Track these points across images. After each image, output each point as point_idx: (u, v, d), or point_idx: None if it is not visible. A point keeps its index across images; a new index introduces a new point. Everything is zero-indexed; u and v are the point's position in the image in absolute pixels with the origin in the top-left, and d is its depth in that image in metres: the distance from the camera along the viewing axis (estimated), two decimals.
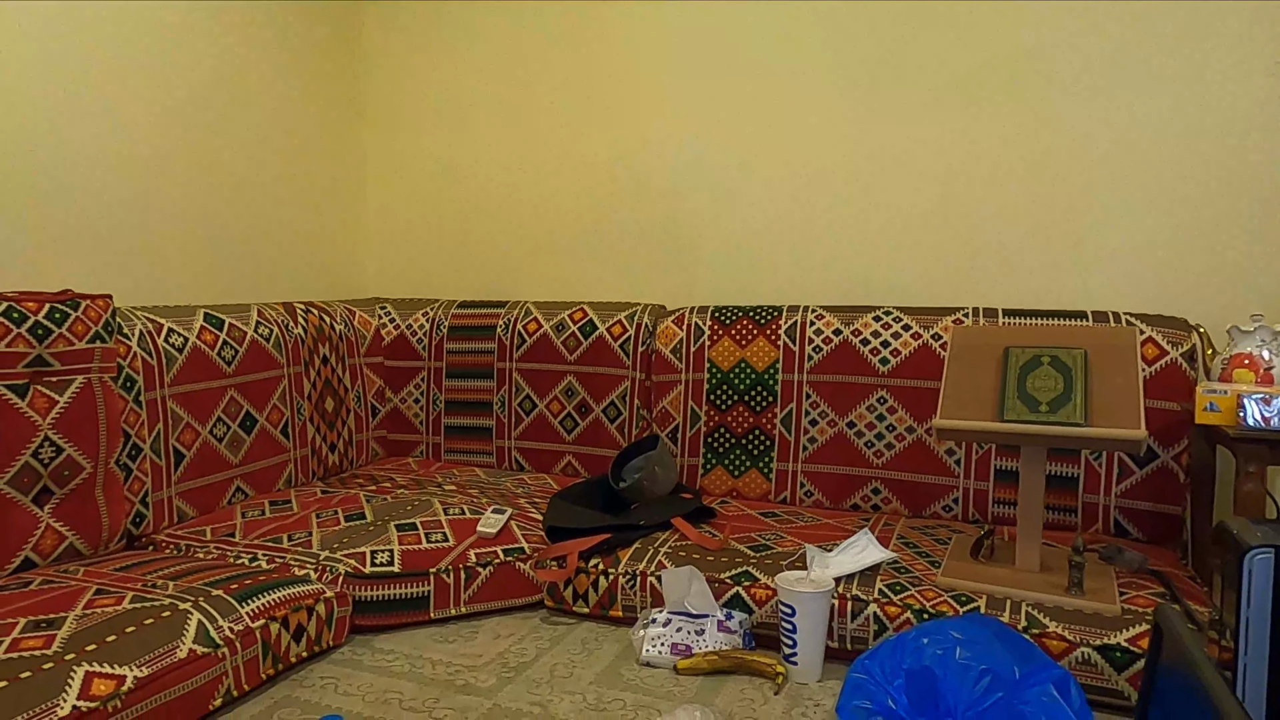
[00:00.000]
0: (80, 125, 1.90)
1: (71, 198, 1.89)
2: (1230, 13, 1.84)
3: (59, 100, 1.85)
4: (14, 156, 1.77)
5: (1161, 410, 1.78)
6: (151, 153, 2.06)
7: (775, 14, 2.23)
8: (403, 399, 2.48)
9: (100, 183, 1.95)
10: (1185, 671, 0.79)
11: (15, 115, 1.77)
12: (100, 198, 1.95)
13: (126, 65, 1.99)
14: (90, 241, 1.94)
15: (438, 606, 1.64)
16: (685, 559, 1.65)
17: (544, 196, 2.53)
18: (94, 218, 1.94)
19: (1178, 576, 1.56)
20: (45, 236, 1.84)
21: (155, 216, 2.08)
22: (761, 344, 2.10)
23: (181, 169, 2.14)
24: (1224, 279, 1.89)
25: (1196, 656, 0.79)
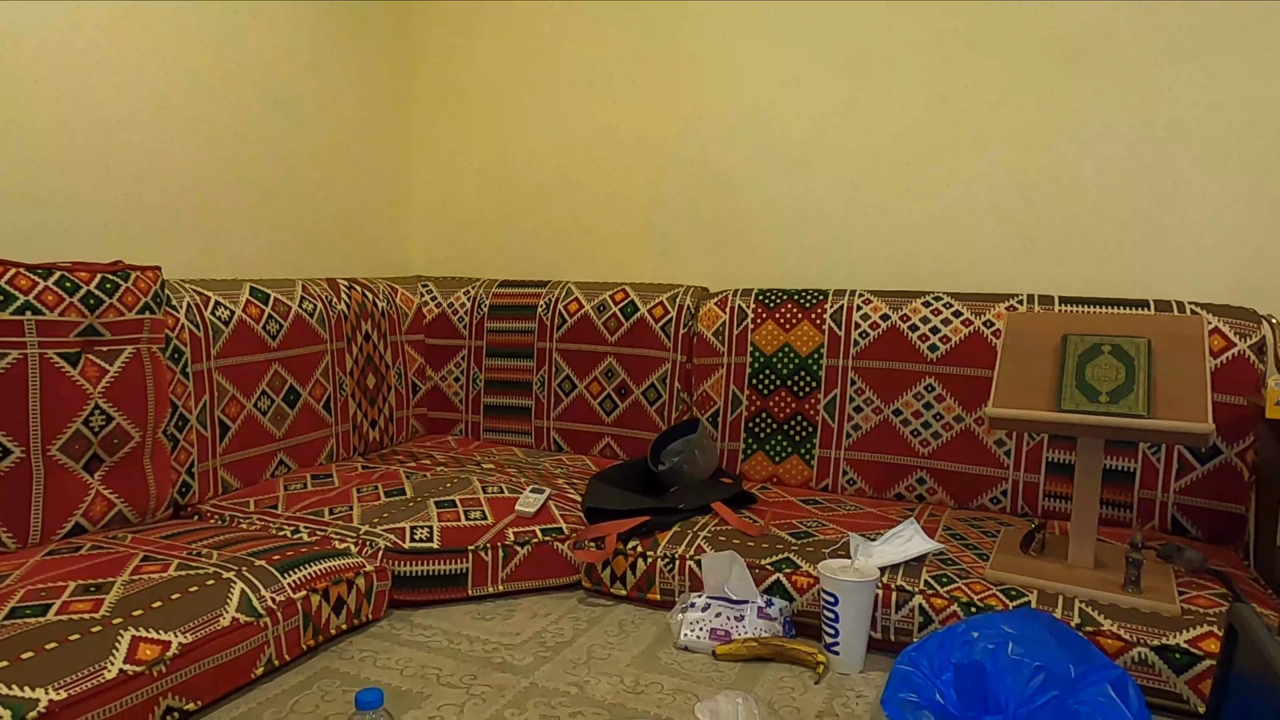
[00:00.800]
0: (134, 102, 1.91)
1: (124, 172, 1.91)
2: None
3: (114, 77, 1.87)
4: (70, 132, 1.80)
5: (1226, 405, 1.71)
6: (204, 131, 2.08)
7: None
8: (443, 377, 2.48)
9: (152, 158, 1.97)
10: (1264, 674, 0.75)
11: (70, 91, 1.79)
12: (152, 172, 1.97)
13: (182, 44, 2.00)
14: (142, 215, 1.96)
15: (475, 584, 1.64)
16: (725, 544, 1.63)
17: (587, 177, 2.51)
18: (146, 191, 1.96)
19: (1240, 578, 1.49)
20: (99, 209, 1.87)
21: (204, 192, 2.10)
22: (806, 328, 2.06)
23: (231, 148, 2.16)
24: None
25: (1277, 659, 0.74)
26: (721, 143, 2.33)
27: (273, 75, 2.26)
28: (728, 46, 2.29)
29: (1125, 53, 1.91)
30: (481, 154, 2.66)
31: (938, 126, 2.09)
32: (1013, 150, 2.03)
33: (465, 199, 2.70)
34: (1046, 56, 1.98)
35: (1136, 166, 1.92)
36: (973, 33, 2.04)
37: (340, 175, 2.51)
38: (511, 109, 2.60)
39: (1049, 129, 1.99)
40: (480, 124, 2.65)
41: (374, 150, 2.62)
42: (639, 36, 2.40)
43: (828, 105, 2.20)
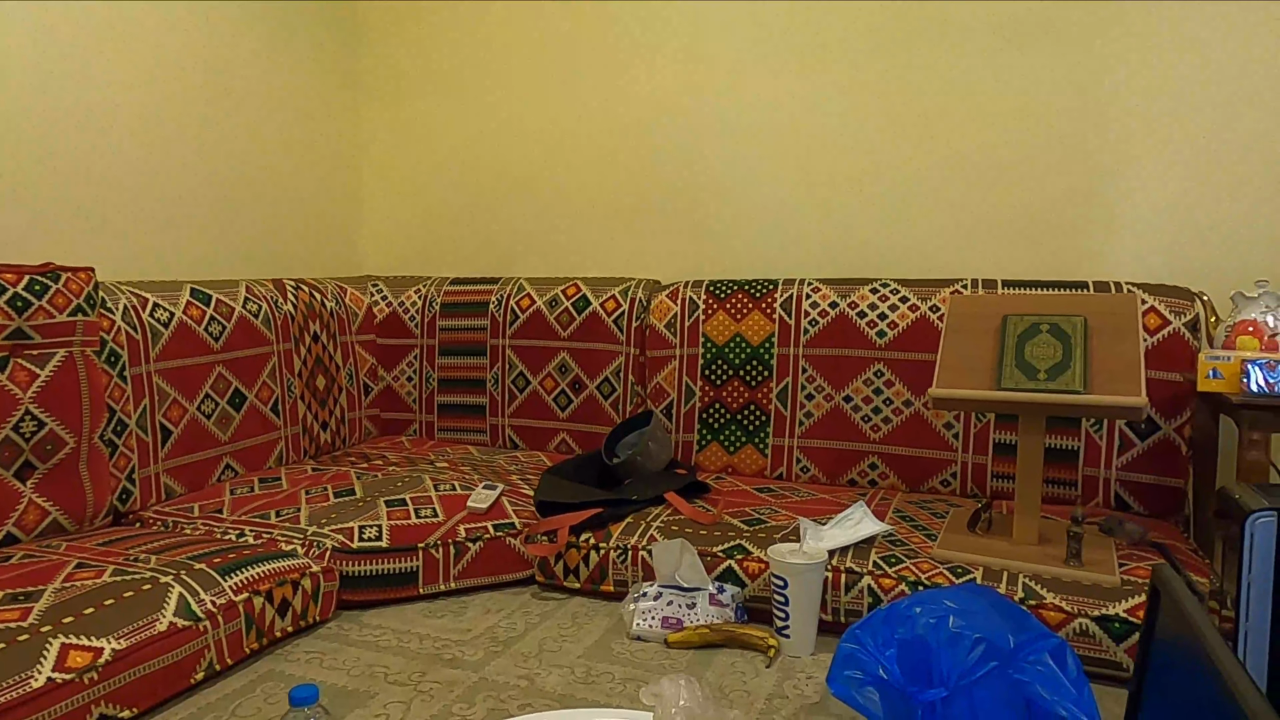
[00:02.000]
0: (65, 95, 1.86)
1: (54, 170, 1.86)
2: None
3: (43, 70, 1.81)
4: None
5: (1163, 381, 1.75)
6: (137, 124, 2.03)
7: None
8: (395, 377, 2.45)
9: (84, 154, 1.92)
10: (1184, 635, 0.76)
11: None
12: (85, 170, 1.92)
13: (116, 36, 1.95)
14: (74, 215, 1.91)
15: (427, 582, 1.62)
16: (678, 533, 1.63)
17: (538, 173, 2.50)
18: (78, 191, 1.91)
19: (1178, 548, 1.53)
20: (28, 209, 1.81)
21: (141, 190, 2.05)
22: (757, 318, 2.07)
23: (168, 141, 2.11)
24: (1230, 247, 1.85)
25: (1197, 619, 0.76)
26: (671, 135, 2.33)
27: (213, 68, 2.21)
28: (676, 38, 2.30)
29: (1063, 37, 1.94)
30: (432, 151, 2.63)
31: (885, 114, 2.12)
32: (958, 136, 2.06)
33: (416, 197, 2.67)
34: (990, 42, 2.01)
35: (1076, 151, 1.96)
36: (918, 20, 2.06)
37: (286, 173, 2.46)
38: (461, 105, 2.58)
39: (993, 114, 2.02)
40: (430, 120, 2.62)
41: (322, 148, 2.58)
42: (590, 30, 2.39)
43: (777, 95, 2.21)
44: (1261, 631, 1.01)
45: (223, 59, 2.24)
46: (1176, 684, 0.80)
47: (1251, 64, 1.80)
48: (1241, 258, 1.84)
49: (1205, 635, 0.71)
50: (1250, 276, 1.83)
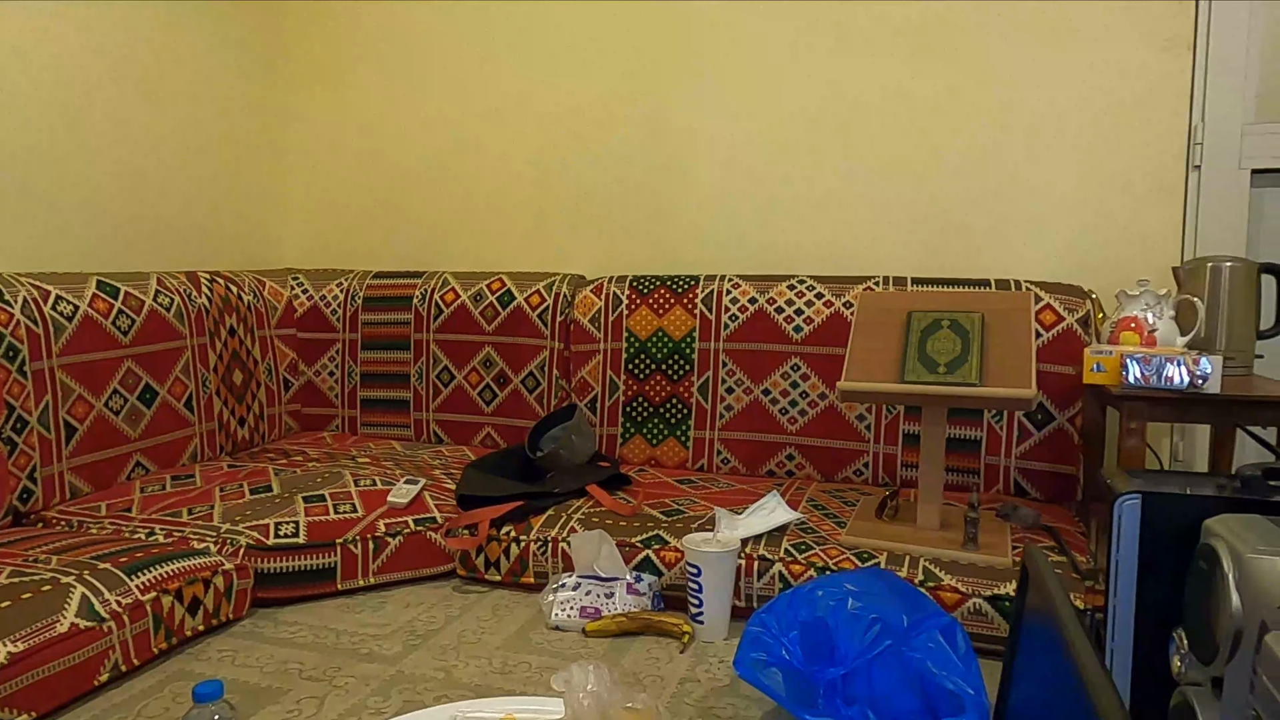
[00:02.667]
0: None
1: None
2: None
3: None
4: None
5: (1058, 374, 1.85)
6: (38, 109, 1.95)
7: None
8: (317, 372, 2.42)
9: None
10: (1045, 610, 0.83)
11: None
12: None
13: (13, 16, 1.87)
14: None
15: (345, 578, 1.61)
16: (598, 525, 1.65)
17: (463, 166, 2.49)
18: None
19: (1067, 531, 1.63)
20: None
21: (41, 178, 1.98)
22: (679, 313, 2.11)
23: (72, 127, 2.03)
24: (1116, 248, 1.97)
25: (1055, 595, 0.82)
26: (597, 132, 2.35)
27: (121, 54, 2.14)
28: (608, 33, 2.32)
29: (971, 42, 2.03)
30: (354, 143, 2.60)
31: (804, 116, 2.18)
32: (873, 139, 2.13)
33: (338, 190, 2.63)
34: (902, 47, 2.08)
35: (981, 155, 2.05)
36: (836, 24, 2.13)
37: (200, 163, 2.40)
38: (382, 97, 2.55)
39: (905, 118, 2.10)
40: (351, 113, 2.59)
41: (237, 138, 2.52)
42: (512, 24, 2.39)
43: (702, 94, 2.25)
44: (1128, 605, 1.09)
45: (131, 45, 2.17)
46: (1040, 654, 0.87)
47: (1129, 75, 1.91)
48: (1128, 257, 1.96)
49: (1060, 610, 0.77)
50: (1134, 276, 1.95)
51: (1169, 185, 1.90)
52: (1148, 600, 1.06)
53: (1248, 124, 1.85)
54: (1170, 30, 1.87)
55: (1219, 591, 0.88)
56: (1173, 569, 1.04)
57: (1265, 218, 1.88)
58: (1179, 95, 1.88)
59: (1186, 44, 1.86)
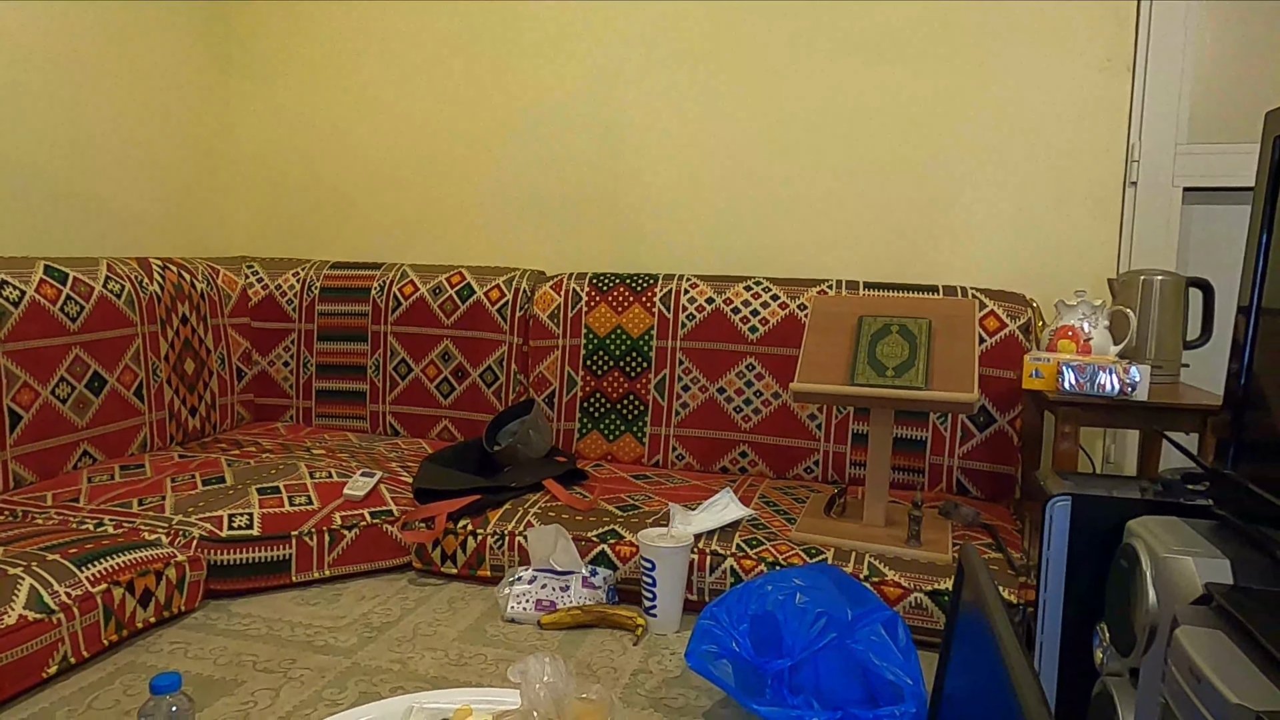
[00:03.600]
0: None
1: None
2: (1075, 10, 1.98)
3: None
4: None
5: (1000, 378, 1.93)
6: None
7: None
8: (271, 362, 2.39)
9: None
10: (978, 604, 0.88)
11: None
12: None
13: None
14: None
15: (300, 570, 1.62)
16: (554, 519, 1.68)
17: (426, 157, 2.48)
18: None
19: (1004, 529, 1.70)
20: None
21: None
22: (637, 311, 2.14)
23: (19, 108, 1.98)
24: (1057, 258, 2.06)
25: (986, 591, 0.88)
26: (560, 128, 2.36)
27: (72, 34, 2.09)
28: (569, 31, 2.33)
29: (925, 56, 2.09)
30: (311, 131, 2.57)
31: (762, 121, 2.22)
32: (828, 145, 2.18)
33: (295, 178, 2.60)
34: (858, 57, 2.14)
35: (931, 164, 2.12)
36: (793, 32, 2.17)
37: (153, 148, 2.35)
38: (342, 86, 2.52)
39: (860, 126, 2.16)
40: (309, 100, 2.56)
41: (192, 122, 2.47)
42: (482, 14, 2.39)
43: (664, 96, 2.28)
44: (1057, 600, 1.15)
45: (83, 25, 2.12)
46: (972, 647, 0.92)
47: (1073, 94, 1.99)
48: (1067, 268, 2.05)
49: (991, 606, 0.83)
50: (1073, 285, 2.03)
51: (1107, 200, 1.99)
52: (1075, 595, 1.13)
53: (1181, 144, 1.94)
54: (1111, 52, 1.96)
55: (1137, 588, 0.94)
56: (1098, 566, 1.11)
57: (1194, 233, 1.98)
58: (1118, 114, 1.96)
59: (1127, 66, 1.95)
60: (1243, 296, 1.02)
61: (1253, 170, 1.57)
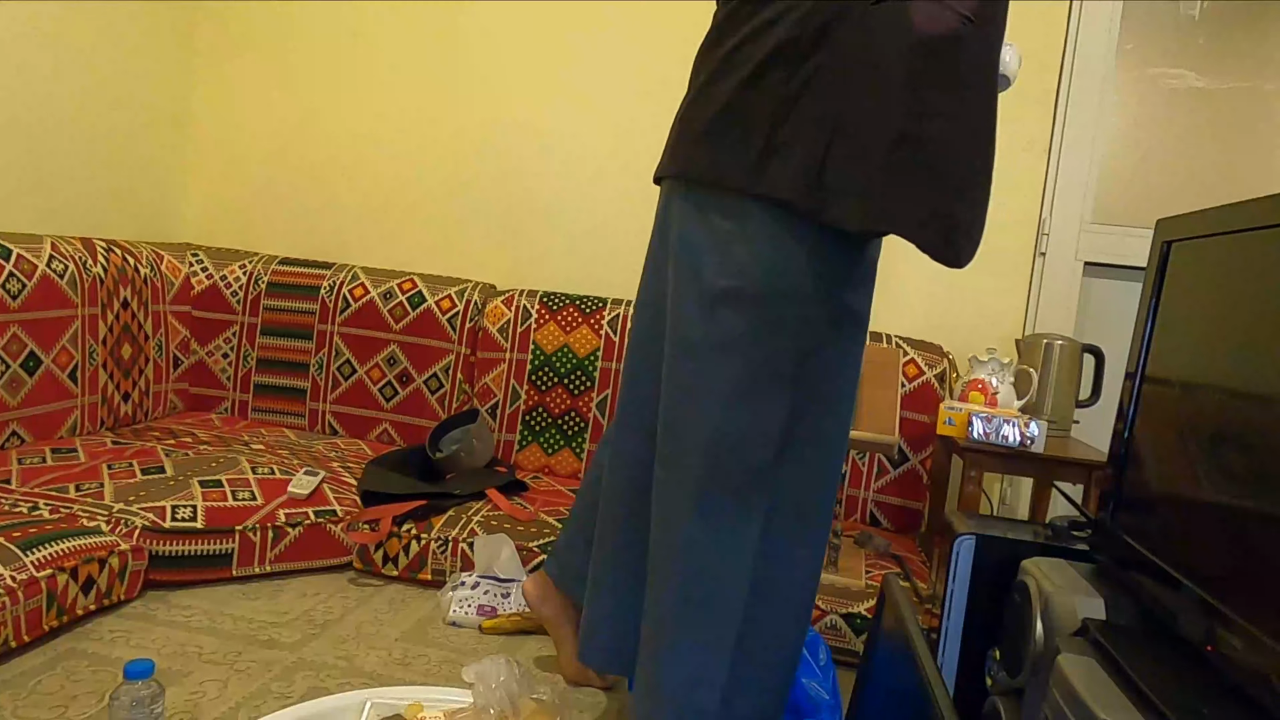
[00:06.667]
0: None
1: None
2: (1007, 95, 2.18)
3: None
4: None
5: (916, 421, 2.10)
6: None
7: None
8: (210, 352, 2.37)
9: None
10: (897, 629, 1.01)
11: None
12: None
13: None
14: None
15: (241, 564, 1.64)
16: (497, 528, 1.75)
17: (387, 161, 2.51)
18: None
19: (912, 560, 1.86)
20: None
21: None
22: (585, 332, 2.23)
23: None
24: (976, 316, 2.25)
25: (907, 617, 1.00)
26: (520, 145, 2.44)
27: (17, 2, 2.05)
28: (532, 50, 2.41)
29: None
30: (271, 123, 2.57)
31: None
32: None
33: (250, 169, 2.59)
34: None
35: None
36: None
37: (103, 126, 2.31)
38: (309, 79, 2.53)
39: None
40: (272, 90, 2.56)
41: (146, 103, 2.44)
42: (441, 30, 2.45)
43: (618, 123, 2.38)
44: (958, 627, 1.30)
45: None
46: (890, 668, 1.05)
47: (998, 170, 2.19)
48: (981, 325, 2.24)
49: (910, 630, 0.95)
50: (985, 342, 2.23)
51: (1019, 268, 2.20)
52: (973, 623, 1.27)
53: (1085, 223, 2.17)
54: (1032, 134, 2.17)
55: (1027, 620, 1.09)
56: (994, 598, 1.26)
57: (1092, 304, 2.21)
58: (1034, 192, 2.18)
59: (1044, 148, 2.17)
60: (1130, 364, 1.18)
61: (1144, 252, 1.78)
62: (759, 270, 0.96)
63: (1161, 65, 2.17)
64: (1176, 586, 0.93)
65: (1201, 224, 1.06)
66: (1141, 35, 2.17)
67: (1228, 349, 0.94)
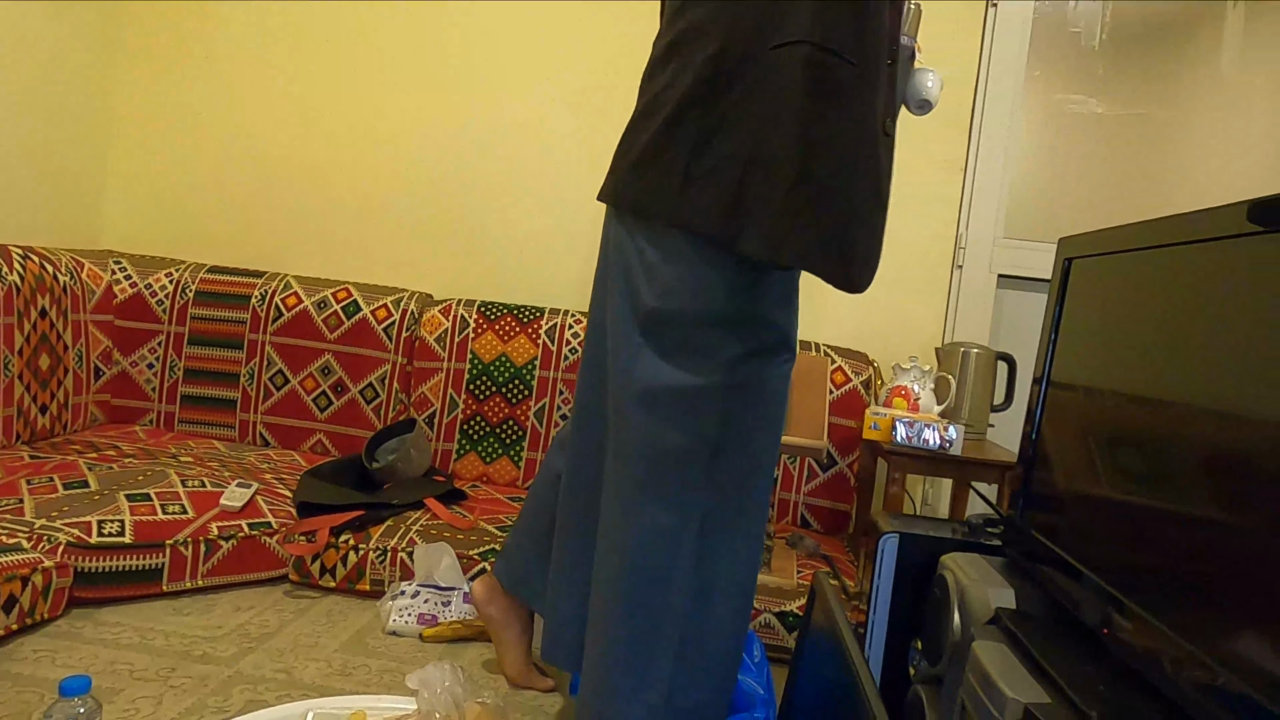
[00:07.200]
0: None
1: None
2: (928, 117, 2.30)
3: None
4: None
5: (843, 426, 2.19)
6: None
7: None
8: (134, 363, 2.31)
9: None
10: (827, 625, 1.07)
11: None
12: None
13: None
14: None
15: (172, 579, 1.60)
16: (436, 537, 1.76)
17: (321, 169, 2.49)
18: None
19: (840, 559, 1.94)
20: None
21: None
22: (523, 341, 2.25)
23: None
24: (898, 325, 2.36)
25: (836, 613, 1.06)
26: (455, 155, 2.45)
27: None
28: (467, 59, 2.42)
29: None
30: (199, 128, 2.51)
31: None
32: None
33: (175, 175, 2.53)
34: None
35: None
36: None
37: (17, 127, 2.23)
38: (237, 84, 2.49)
39: None
40: (199, 95, 2.50)
41: (66, 105, 2.36)
42: (388, 30, 2.44)
43: (552, 133, 2.42)
44: (883, 622, 1.37)
45: None
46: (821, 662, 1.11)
47: (919, 187, 2.31)
48: (904, 334, 2.35)
49: (839, 625, 1.01)
50: (907, 350, 2.34)
51: (939, 280, 2.32)
52: (897, 617, 1.35)
53: (998, 238, 2.30)
54: (950, 154, 2.29)
55: (945, 611, 1.16)
56: (917, 593, 1.33)
57: (1005, 314, 2.34)
58: (952, 208, 2.30)
59: (960, 167, 2.29)
60: (1036, 371, 1.28)
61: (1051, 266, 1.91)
62: (685, 292, 1.03)
63: (1065, 92, 2.33)
64: (1078, 576, 1.01)
65: (1098, 243, 1.15)
66: (1047, 63, 2.32)
67: (1122, 357, 1.03)
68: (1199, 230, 0.90)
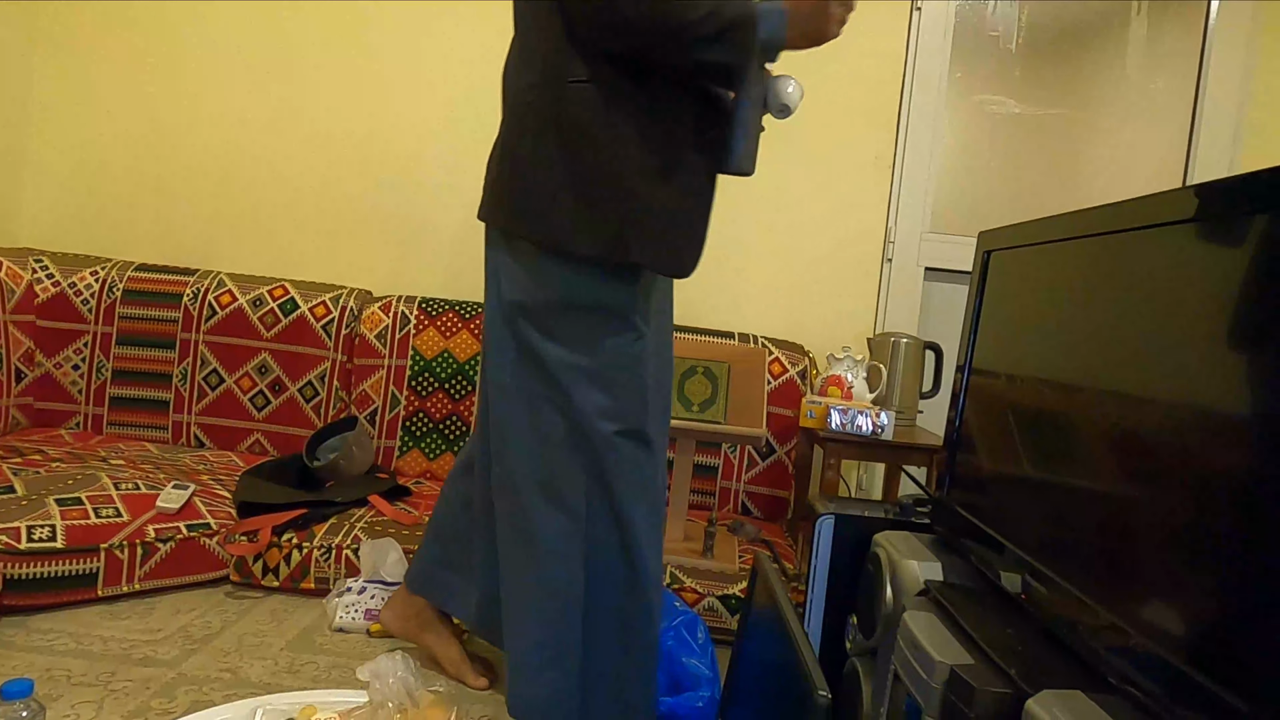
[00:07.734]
0: None
1: None
2: (856, 115, 2.38)
3: None
4: None
5: (781, 415, 2.26)
6: None
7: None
8: (58, 364, 2.23)
9: None
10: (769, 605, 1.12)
11: None
12: None
13: None
14: None
15: (107, 584, 1.57)
16: (381, 533, 1.75)
17: (254, 163, 2.44)
18: None
19: (779, 544, 2.01)
20: None
21: None
22: (465, 336, 2.26)
23: None
24: (831, 317, 2.44)
25: (778, 593, 1.11)
26: (393, 150, 2.43)
27: None
28: (400, 54, 2.41)
29: None
30: (122, 122, 2.43)
31: None
32: None
33: (98, 170, 2.45)
34: None
35: (731, 229, 2.43)
36: None
37: None
38: (163, 78, 2.42)
39: None
40: (122, 88, 2.43)
41: None
42: (323, 24, 2.41)
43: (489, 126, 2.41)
44: (820, 601, 1.43)
45: None
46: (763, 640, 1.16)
47: (848, 182, 2.39)
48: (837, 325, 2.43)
49: (781, 603, 1.06)
50: (841, 341, 2.42)
51: (869, 272, 2.40)
52: (834, 594, 1.41)
53: (925, 232, 2.40)
54: (878, 149, 2.38)
55: (878, 586, 1.22)
56: (852, 570, 1.40)
57: (932, 305, 2.44)
58: (881, 204, 2.39)
59: (888, 164, 2.38)
60: (959, 359, 1.35)
61: None
62: (533, 287, 1.18)
63: (985, 92, 2.44)
64: (999, 548, 1.09)
65: (1015, 236, 1.23)
66: (969, 64, 2.43)
67: (1037, 344, 1.10)
68: (1107, 224, 0.97)
